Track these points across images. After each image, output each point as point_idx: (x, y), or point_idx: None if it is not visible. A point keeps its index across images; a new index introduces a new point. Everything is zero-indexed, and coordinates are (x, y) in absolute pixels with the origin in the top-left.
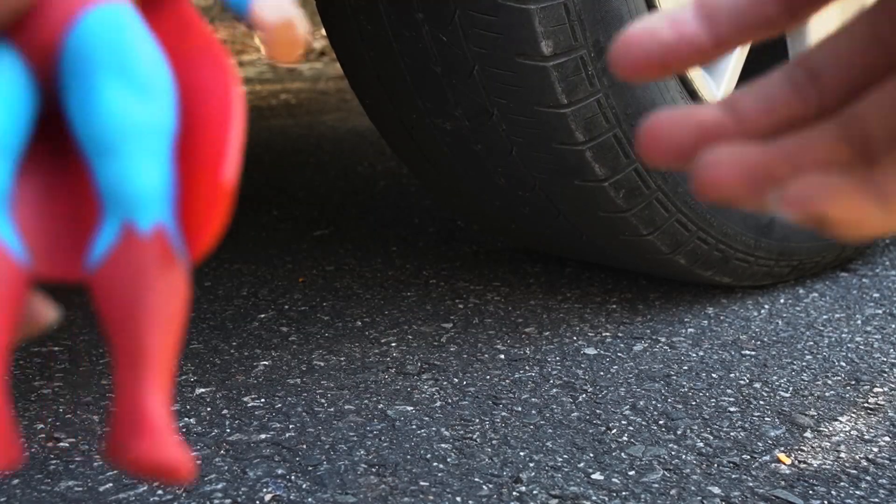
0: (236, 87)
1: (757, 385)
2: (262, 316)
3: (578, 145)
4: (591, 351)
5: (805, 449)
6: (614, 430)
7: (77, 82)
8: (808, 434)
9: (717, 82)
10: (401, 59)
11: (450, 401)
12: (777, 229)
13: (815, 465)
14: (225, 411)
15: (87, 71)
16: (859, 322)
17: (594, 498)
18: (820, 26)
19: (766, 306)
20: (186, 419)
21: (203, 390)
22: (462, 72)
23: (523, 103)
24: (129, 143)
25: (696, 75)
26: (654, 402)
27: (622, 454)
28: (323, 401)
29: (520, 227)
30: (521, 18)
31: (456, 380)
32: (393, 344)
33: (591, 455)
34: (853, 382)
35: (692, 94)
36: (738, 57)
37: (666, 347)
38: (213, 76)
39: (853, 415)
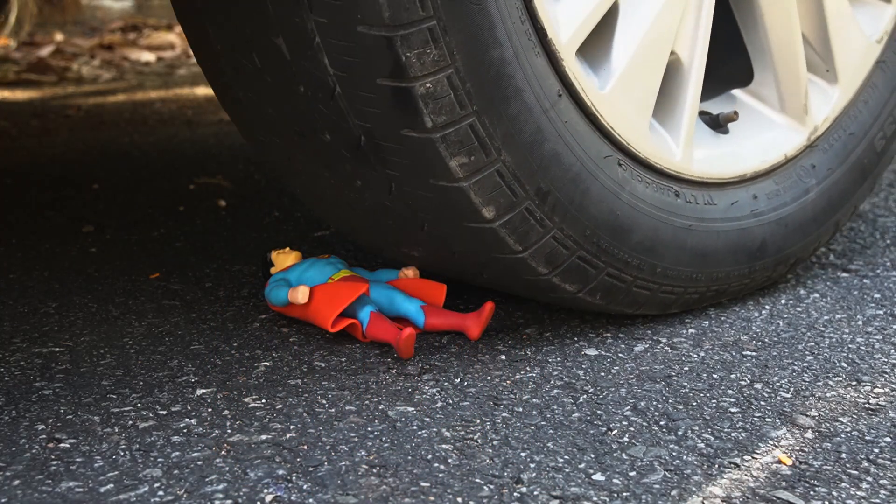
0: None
1: (758, 386)
2: (263, 317)
3: (455, 181)
4: (591, 351)
5: (806, 450)
6: (615, 431)
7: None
8: (809, 435)
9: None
10: (265, 80)
11: (451, 401)
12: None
13: (817, 466)
14: (226, 412)
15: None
16: (860, 323)
17: (595, 499)
18: None
19: (768, 307)
20: (187, 420)
21: (204, 391)
22: (325, 94)
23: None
24: (397, 301)
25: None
26: (654, 403)
27: (623, 455)
28: (324, 401)
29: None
30: (380, 44)
31: (457, 380)
32: None
33: (592, 456)
34: (854, 383)
35: (593, 121)
36: (691, 104)
37: (667, 348)
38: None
39: (854, 415)
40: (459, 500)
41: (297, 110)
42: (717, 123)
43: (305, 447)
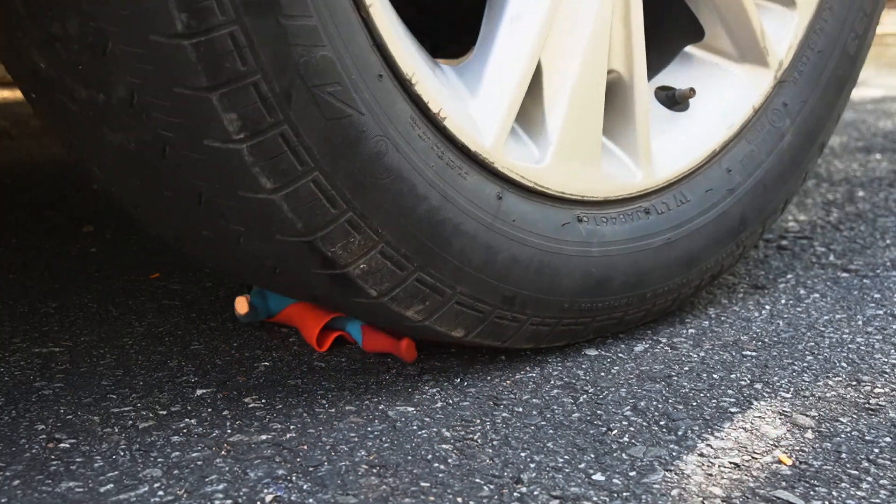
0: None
1: (758, 385)
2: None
3: (419, 322)
4: (591, 351)
5: (806, 449)
6: (615, 431)
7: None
8: (809, 435)
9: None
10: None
11: (450, 401)
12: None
13: (817, 466)
14: (226, 412)
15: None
16: (860, 323)
17: (595, 499)
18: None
19: (768, 307)
20: (187, 420)
21: (204, 391)
22: (268, 271)
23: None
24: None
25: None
26: (654, 403)
27: (623, 455)
28: (324, 401)
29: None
30: (304, 247)
31: (457, 380)
32: None
33: (592, 456)
34: (854, 383)
35: (543, 195)
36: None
37: (667, 348)
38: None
39: (854, 415)
40: (459, 500)
41: (246, 271)
42: (675, 101)
43: (305, 447)
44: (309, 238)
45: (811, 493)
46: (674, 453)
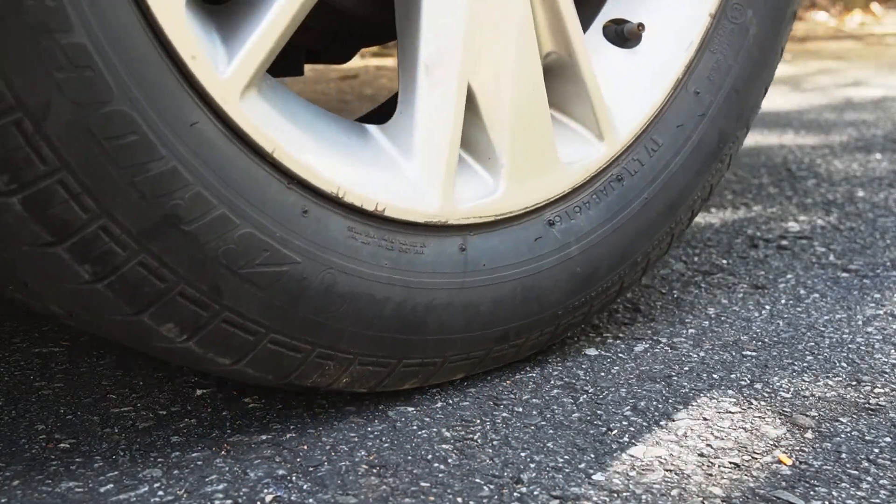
0: None
1: (758, 385)
2: None
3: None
4: (592, 351)
5: (806, 450)
6: (615, 431)
7: None
8: (809, 435)
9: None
10: None
11: (450, 401)
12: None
13: (817, 466)
14: (225, 412)
15: None
16: (860, 323)
17: (595, 498)
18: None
19: (768, 307)
20: (187, 420)
21: (203, 391)
22: None
23: None
24: None
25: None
26: (654, 403)
27: (623, 455)
28: (323, 401)
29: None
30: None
31: (457, 380)
32: None
33: (592, 455)
34: (854, 383)
35: (504, 222)
36: None
37: (667, 348)
38: None
39: (854, 415)
40: (459, 500)
41: None
42: (626, 38)
43: (305, 447)
44: (284, 381)
45: (811, 493)
46: (674, 453)
